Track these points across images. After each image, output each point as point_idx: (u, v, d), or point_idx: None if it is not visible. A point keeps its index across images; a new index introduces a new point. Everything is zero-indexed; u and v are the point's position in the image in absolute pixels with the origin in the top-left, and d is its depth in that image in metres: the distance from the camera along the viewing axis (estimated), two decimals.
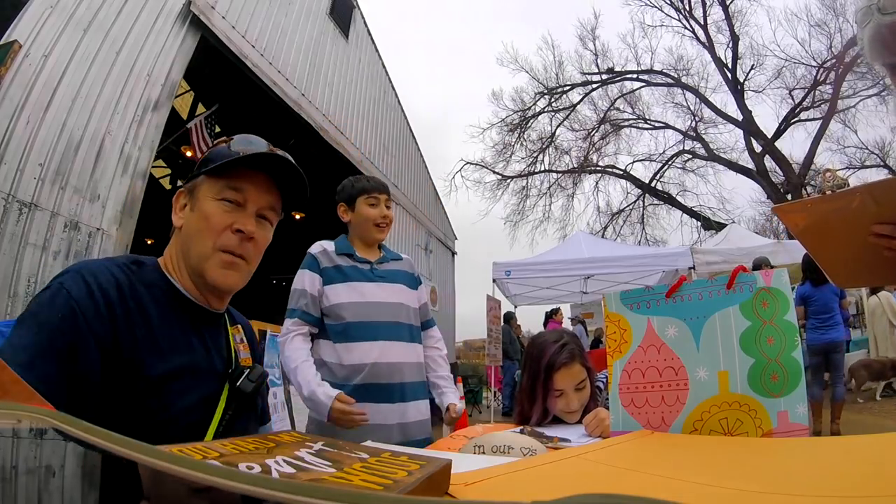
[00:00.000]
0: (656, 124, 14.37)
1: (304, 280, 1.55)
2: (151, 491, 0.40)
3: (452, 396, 1.63)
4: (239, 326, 0.90)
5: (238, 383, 0.80)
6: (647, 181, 14.28)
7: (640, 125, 14.58)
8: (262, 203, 0.81)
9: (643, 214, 14.36)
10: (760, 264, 4.24)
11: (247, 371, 0.82)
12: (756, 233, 9.72)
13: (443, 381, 1.68)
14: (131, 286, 0.73)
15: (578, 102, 14.75)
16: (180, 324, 0.77)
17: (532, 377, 1.33)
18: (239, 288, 0.83)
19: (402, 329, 1.57)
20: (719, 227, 11.17)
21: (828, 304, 4.13)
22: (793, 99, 12.45)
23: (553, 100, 14.77)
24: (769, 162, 12.20)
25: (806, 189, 11.28)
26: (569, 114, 14.83)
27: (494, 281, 7.02)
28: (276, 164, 0.80)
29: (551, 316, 7.80)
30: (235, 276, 0.80)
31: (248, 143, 0.81)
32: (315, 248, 1.60)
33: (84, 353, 0.66)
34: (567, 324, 8.48)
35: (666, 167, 14.21)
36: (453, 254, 11.05)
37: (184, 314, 0.78)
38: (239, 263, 0.79)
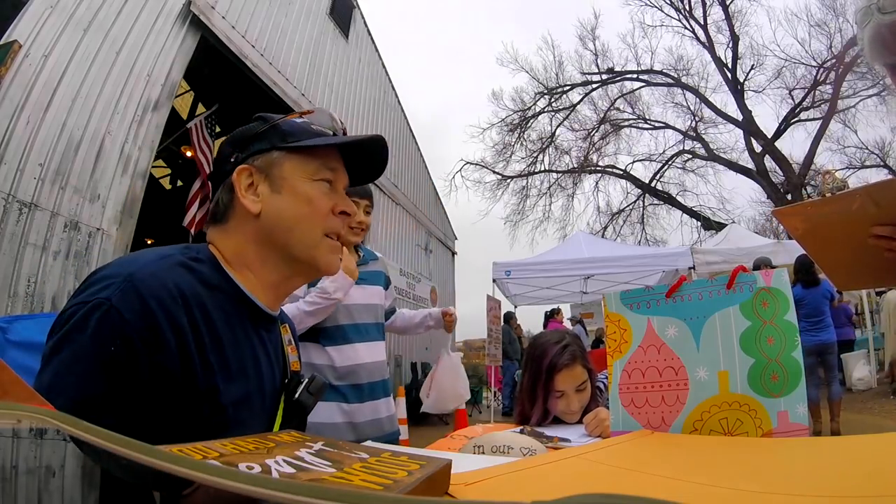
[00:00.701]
0: (656, 124, 14.37)
1: None
2: None
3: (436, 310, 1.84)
4: (286, 325, 0.82)
5: (297, 396, 0.71)
6: (647, 181, 14.27)
7: (640, 125, 14.57)
8: (345, 182, 0.76)
9: (643, 214, 14.35)
10: (761, 264, 4.25)
11: (305, 382, 0.73)
12: (756, 233, 9.73)
13: (419, 311, 1.90)
14: (195, 294, 0.60)
15: (578, 102, 14.74)
16: (246, 334, 0.67)
17: (533, 378, 1.33)
18: None
19: (380, 329, 1.69)
20: (719, 227, 11.17)
21: (818, 306, 4.17)
22: (793, 99, 12.45)
23: (553, 100, 14.76)
24: (769, 162, 12.20)
25: (806, 189, 11.28)
26: (569, 114, 14.82)
27: (494, 281, 7.02)
28: (354, 148, 0.76)
29: (551, 316, 7.79)
30: (339, 261, 0.74)
31: (331, 121, 0.75)
32: None
33: (142, 396, 0.54)
34: (566, 324, 8.47)
35: (666, 167, 14.21)
36: (453, 254, 11.05)
37: (248, 321, 0.68)
38: (340, 247, 0.74)
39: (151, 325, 0.54)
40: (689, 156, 13.96)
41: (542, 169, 15.04)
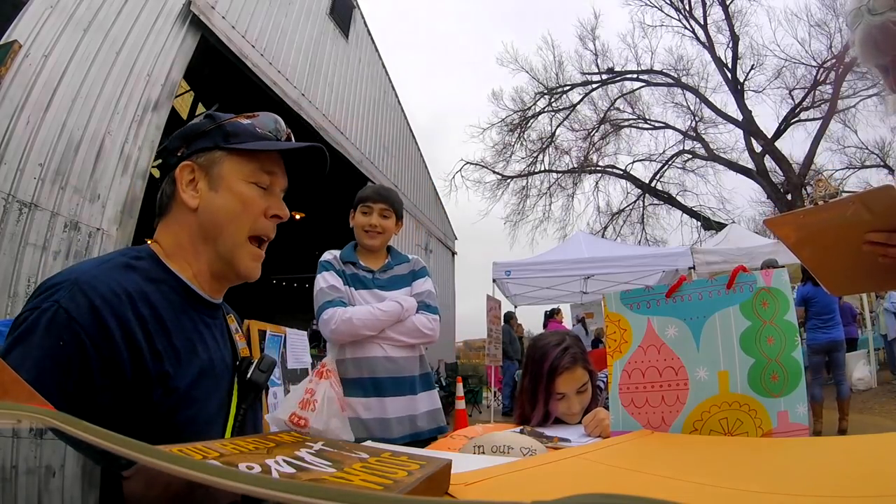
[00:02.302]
0: (656, 124, 14.36)
1: (329, 279, 1.58)
2: None
3: None
4: (231, 316, 0.86)
5: (249, 375, 0.76)
6: (647, 181, 14.26)
7: (640, 125, 14.57)
8: (283, 185, 0.79)
9: (643, 214, 14.35)
10: (767, 266, 4.23)
11: (255, 362, 0.77)
12: (756, 233, 9.70)
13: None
14: (140, 290, 0.65)
15: (578, 102, 14.74)
16: (192, 321, 0.71)
17: (534, 380, 1.33)
18: None
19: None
20: (719, 227, 11.17)
21: (829, 304, 4.16)
22: (793, 99, 12.44)
23: (553, 100, 14.75)
24: (769, 162, 12.19)
25: (806, 189, 11.27)
26: (569, 114, 14.81)
27: (494, 281, 7.02)
28: (299, 153, 0.79)
29: (551, 316, 7.80)
30: (259, 268, 0.78)
31: (275, 125, 0.78)
32: (326, 255, 1.65)
33: (91, 386, 0.58)
34: (568, 324, 8.47)
35: (666, 167, 14.20)
36: (453, 254, 11.06)
37: (192, 310, 0.72)
38: (262, 255, 0.78)
39: (98, 321, 0.59)
40: (689, 156, 13.96)
41: (542, 169, 15.04)
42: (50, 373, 0.56)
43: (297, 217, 8.88)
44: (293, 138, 0.82)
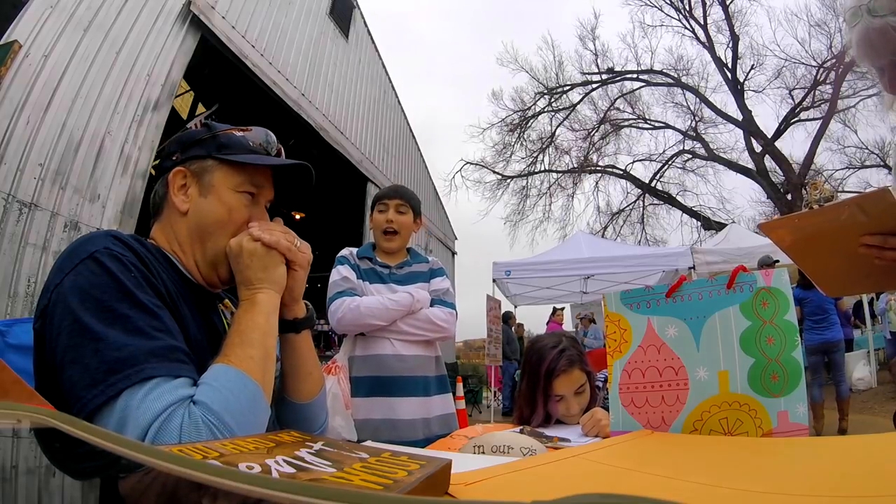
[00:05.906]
0: (656, 124, 14.36)
1: (342, 271, 1.56)
2: None
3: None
4: (227, 301, 0.89)
5: None
6: (647, 181, 14.26)
7: (640, 125, 14.57)
8: (269, 197, 0.84)
9: (643, 214, 14.34)
10: (764, 263, 4.23)
11: None
12: (756, 233, 9.72)
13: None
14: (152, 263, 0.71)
15: (578, 102, 14.73)
16: (189, 305, 0.74)
17: (532, 383, 1.33)
18: None
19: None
20: (719, 227, 11.16)
21: (822, 304, 4.12)
22: (793, 99, 12.44)
23: (553, 100, 14.75)
24: (769, 162, 12.19)
25: (806, 188, 11.27)
26: (569, 114, 14.81)
27: (494, 281, 7.01)
28: (289, 167, 0.83)
29: (553, 315, 7.82)
30: None
31: (267, 140, 0.82)
32: (343, 251, 1.64)
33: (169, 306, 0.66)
34: (568, 324, 8.45)
35: (666, 167, 14.20)
36: (453, 254, 11.05)
37: (189, 295, 0.76)
38: None
39: (138, 256, 0.67)
40: (689, 156, 13.95)
41: (542, 169, 15.04)
42: (152, 304, 0.63)
43: (297, 217, 8.88)
44: (283, 152, 0.86)
